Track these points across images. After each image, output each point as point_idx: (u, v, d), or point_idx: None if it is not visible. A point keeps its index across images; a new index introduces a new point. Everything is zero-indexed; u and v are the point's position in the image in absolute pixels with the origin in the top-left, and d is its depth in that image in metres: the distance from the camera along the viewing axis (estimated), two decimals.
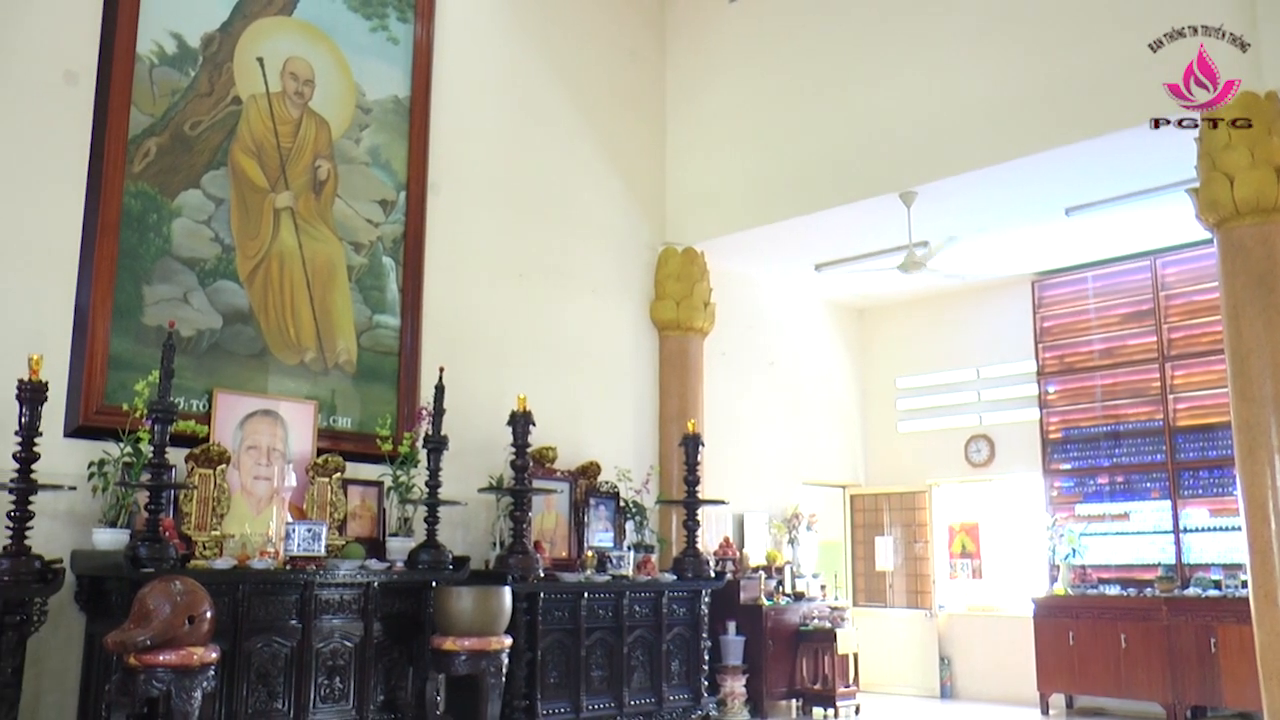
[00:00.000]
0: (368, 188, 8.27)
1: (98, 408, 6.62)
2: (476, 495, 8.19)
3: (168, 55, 7.34)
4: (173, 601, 5.34)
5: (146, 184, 7.11)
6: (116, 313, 6.83)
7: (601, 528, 9.02)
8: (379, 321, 8.17)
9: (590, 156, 10.10)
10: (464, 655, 6.80)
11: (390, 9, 8.56)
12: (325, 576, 6.55)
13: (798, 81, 10.00)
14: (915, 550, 12.46)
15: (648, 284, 10.49)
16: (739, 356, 11.40)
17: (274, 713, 6.29)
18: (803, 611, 10.56)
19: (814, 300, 12.77)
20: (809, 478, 12.28)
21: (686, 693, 8.56)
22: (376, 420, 7.84)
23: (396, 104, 8.51)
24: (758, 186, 10.12)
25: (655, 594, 8.45)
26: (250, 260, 7.54)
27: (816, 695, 10.33)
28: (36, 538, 5.66)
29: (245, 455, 7.09)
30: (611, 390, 9.99)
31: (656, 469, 9.94)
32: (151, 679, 5.30)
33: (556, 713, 7.69)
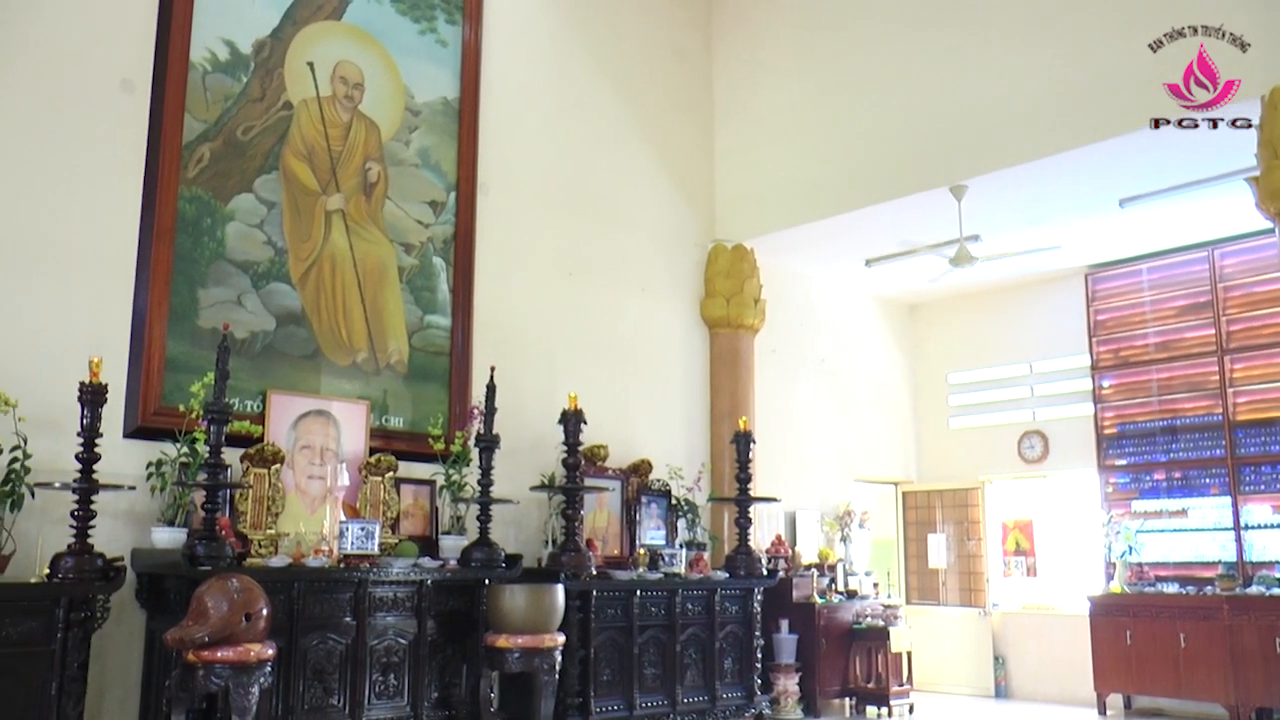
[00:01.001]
0: (418, 189, 8.33)
1: (155, 409, 6.71)
2: (528, 493, 8.23)
3: (220, 62, 7.44)
4: (230, 599, 5.42)
5: (201, 189, 7.21)
6: (172, 316, 6.93)
7: (653, 525, 9.02)
8: (430, 322, 8.23)
9: (639, 155, 10.12)
10: (517, 653, 6.83)
11: (439, 12, 8.63)
12: (379, 574, 6.61)
13: (846, 75, 9.96)
14: (968, 548, 12.34)
15: (697, 281, 10.49)
16: (790, 353, 11.37)
17: (330, 709, 6.35)
18: (855, 609, 10.51)
19: (864, 296, 12.71)
20: (861, 475, 12.22)
21: (740, 691, 8.54)
22: (428, 419, 7.90)
23: (445, 105, 8.57)
24: (807, 182, 10.08)
25: (708, 592, 8.44)
26: (302, 262, 7.63)
27: (870, 694, 10.28)
28: (98, 536, 5.75)
29: (299, 455, 7.17)
30: (662, 388, 10.00)
31: (708, 466, 9.94)
32: (210, 675, 5.39)
33: (610, 710, 7.69)
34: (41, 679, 5.35)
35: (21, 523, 5.83)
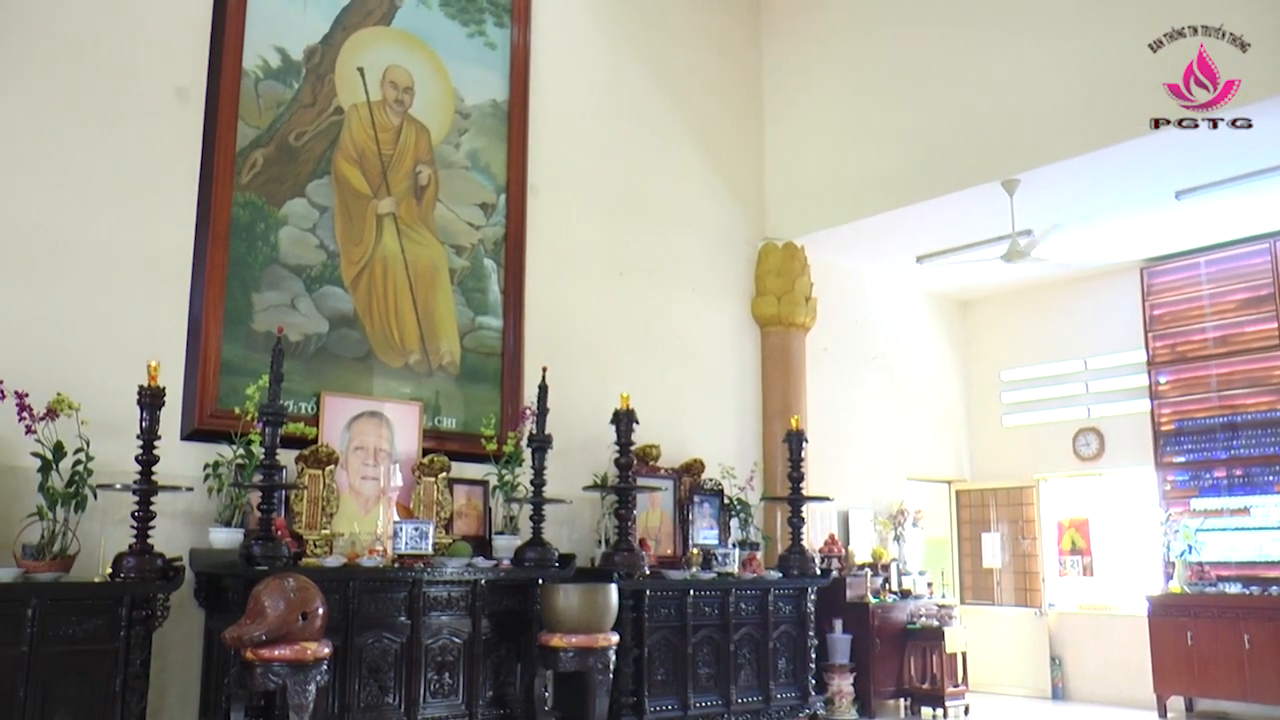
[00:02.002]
0: (468, 191, 8.38)
1: (211, 412, 6.80)
2: (581, 493, 8.24)
3: (272, 69, 7.53)
4: (286, 598, 5.48)
5: (254, 194, 7.29)
6: (228, 320, 7.02)
7: (706, 525, 9.00)
8: (481, 323, 8.28)
9: (688, 154, 10.12)
10: (571, 652, 6.84)
11: (487, 15, 8.68)
12: (433, 574, 6.66)
13: (896, 70, 9.88)
14: (1023, 547, 12.19)
15: (748, 280, 10.47)
16: (841, 351, 11.31)
17: (385, 707, 6.40)
18: (910, 609, 10.42)
19: (916, 293, 12.61)
20: (914, 473, 12.13)
21: (794, 691, 8.49)
22: (481, 420, 7.93)
23: (495, 108, 8.62)
24: (857, 178, 10.02)
25: (761, 591, 8.40)
26: (355, 265, 7.70)
27: (925, 695, 10.18)
28: (158, 537, 5.84)
29: (353, 456, 7.23)
30: (714, 387, 9.98)
31: (760, 466, 9.91)
32: (268, 673, 5.45)
33: (664, 709, 7.69)
34: (106, 675, 5.45)
35: (85, 523, 5.93)
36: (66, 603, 5.41)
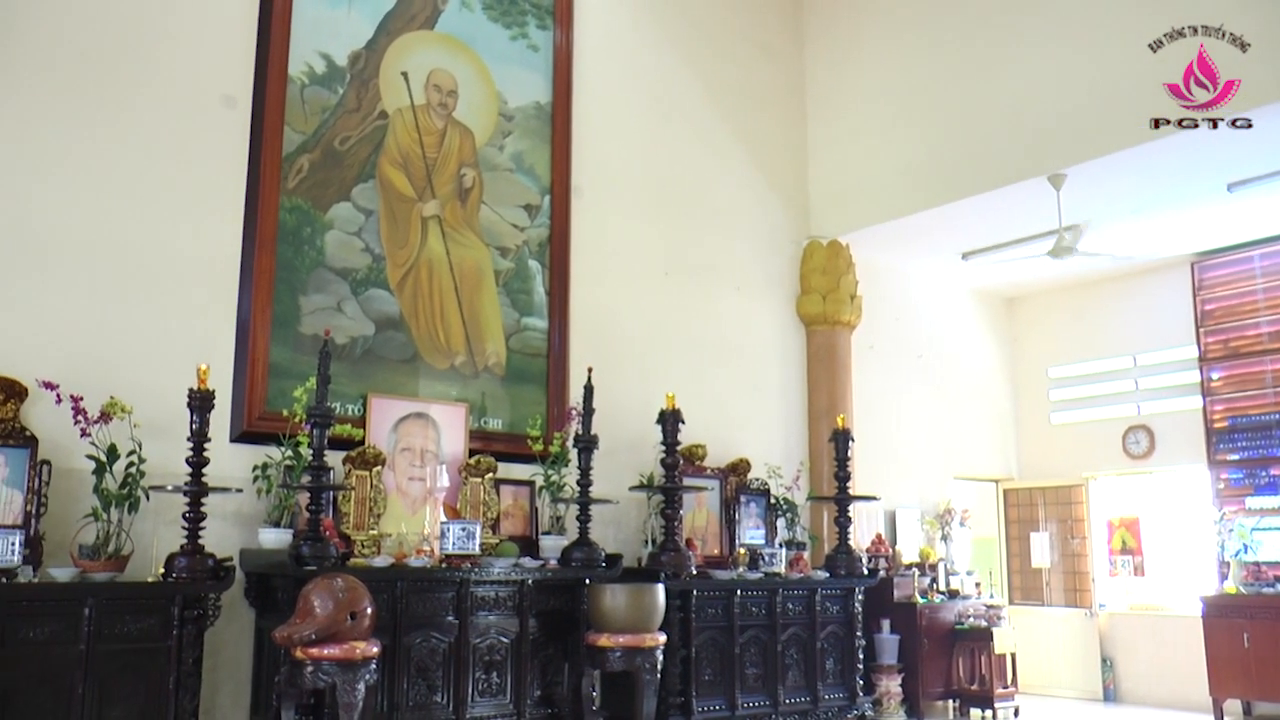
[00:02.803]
0: (512, 193, 8.42)
1: (260, 414, 6.88)
2: (627, 493, 8.24)
3: (317, 75, 7.60)
4: (335, 598, 5.52)
5: (300, 199, 7.37)
6: (275, 323, 7.09)
7: (752, 525, 8.98)
8: (527, 324, 8.31)
9: (731, 153, 10.10)
10: (619, 652, 6.84)
11: (530, 17, 8.72)
12: (480, 574, 6.69)
13: (939, 65, 9.81)
14: (1072, 546, 12.03)
15: (793, 278, 10.43)
16: (887, 349, 11.24)
17: (434, 706, 6.43)
18: (958, 610, 10.31)
19: (961, 290, 12.51)
20: (960, 472, 12.01)
21: (842, 692, 8.44)
22: (526, 421, 7.96)
23: (538, 110, 8.65)
24: (901, 175, 9.95)
25: (808, 592, 8.36)
26: (400, 268, 7.75)
27: (974, 696, 10.06)
28: (209, 537, 5.92)
29: (400, 457, 7.28)
30: (759, 386, 9.95)
31: (806, 465, 9.87)
32: (318, 671, 5.50)
33: (712, 710, 7.67)
34: (160, 673, 5.54)
35: (138, 524, 6.02)
36: (121, 602, 5.51)
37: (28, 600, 5.28)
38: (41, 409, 6.05)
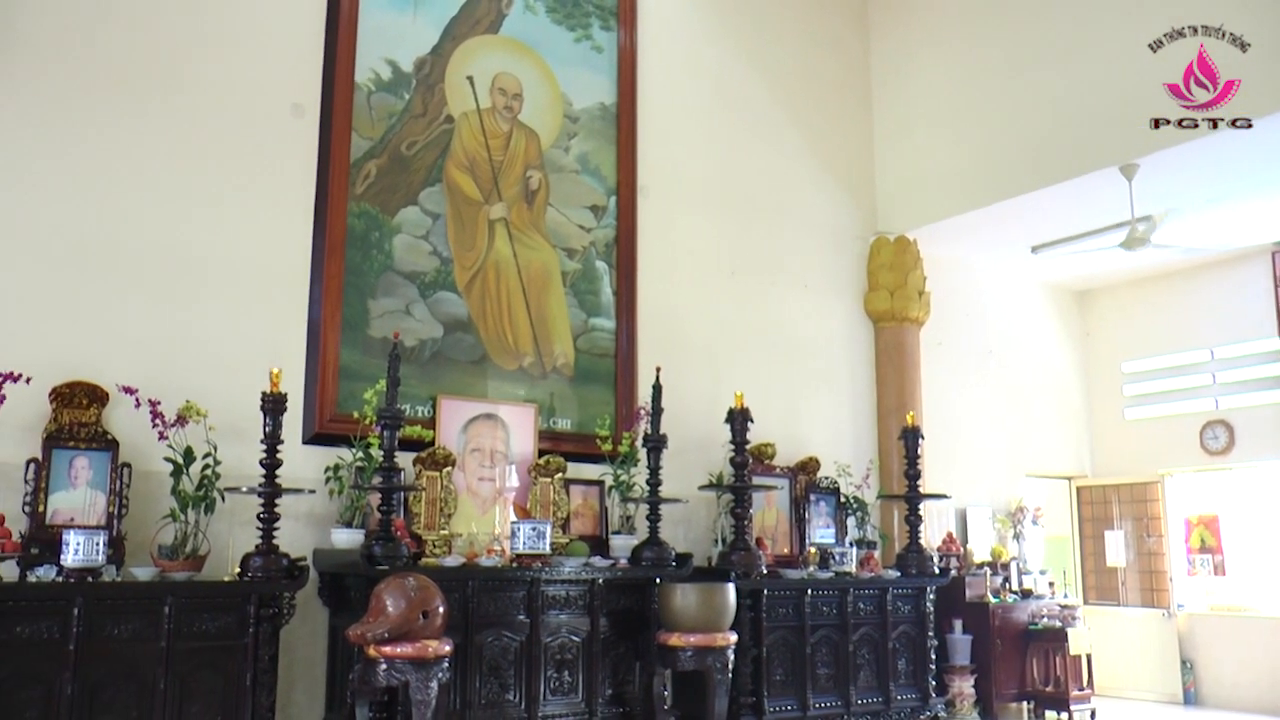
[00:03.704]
0: (578, 194, 8.45)
1: (331, 416, 6.97)
2: (696, 493, 8.22)
3: (384, 81, 7.68)
4: (407, 597, 5.57)
5: (368, 204, 7.45)
6: (345, 326, 7.18)
7: (822, 524, 8.92)
8: (594, 325, 8.33)
9: (797, 150, 10.05)
10: (689, 651, 6.82)
11: (593, 18, 8.75)
12: (551, 573, 6.70)
13: (1006, 56, 9.66)
14: (1148, 545, 11.78)
15: (860, 275, 10.35)
16: (955, 345, 11.11)
17: (506, 704, 6.47)
18: (1031, 609, 10.14)
19: (1031, 284, 12.33)
20: (1032, 469, 11.83)
21: (914, 693, 8.34)
22: (595, 421, 7.99)
23: (603, 111, 8.68)
24: (969, 168, 9.82)
25: (879, 591, 8.28)
26: (468, 271, 7.81)
27: (1048, 698, 9.89)
28: (282, 538, 6.00)
29: (469, 457, 7.34)
30: (827, 384, 9.89)
31: (876, 463, 9.77)
32: (391, 670, 5.55)
33: (783, 710, 7.62)
34: (238, 670, 5.64)
35: (214, 525, 6.13)
36: (199, 600, 5.62)
37: (112, 598, 5.41)
38: (122, 413, 6.19)
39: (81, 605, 5.28)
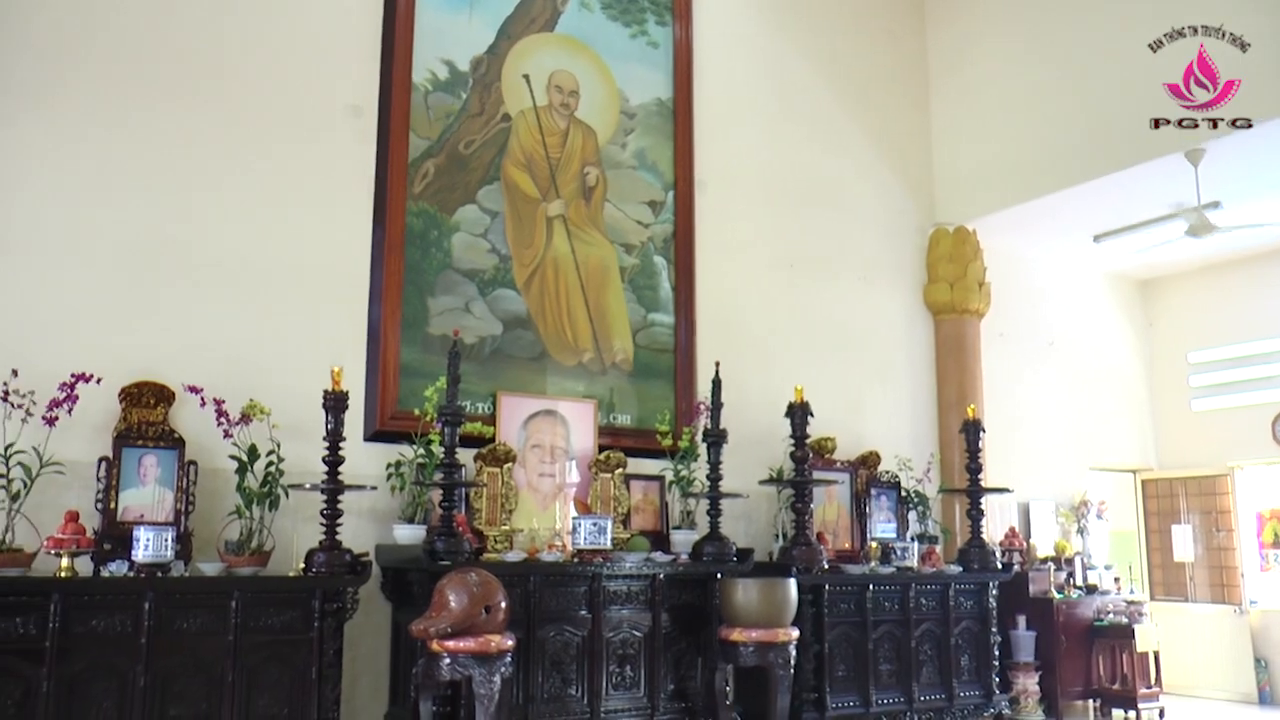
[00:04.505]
0: (636, 190, 8.46)
1: (392, 413, 7.02)
2: (757, 487, 8.20)
3: (440, 81, 7.73)
4: (469, 592, 5.59)
5: (426, 203, 7.51)
6: (405, 325, 7.23)
7: (883, 518, 8.86)
8: (653, 320, 8.33)
9: (854, 141, 9.99)
10: (751, 646, 6.79)
11: (648, 14, 8.75)
12: (612, 569, 6.71)
13: (1066, 42, 9.51)
14: (1218, 539, 11.56)
15: (919, 267, 10.28)
16: (1016, 337, 10.99)
17: (568, 698, 6.48)
18: (1096, 605, 10.00)
19: (1093, 273, 12.17)
20: (1096, 463, 11.67)
21: (977, 689, 8.25)
22: (655, 416, 7.99)
23: (660, 106, 8.68)
24: (1029, 157, 9.70)
25: (942, 586, 8.21)
26: (526, 268, 7.84)
27: (1115, 696, 9.75)
28: (345, 533, 6.07)
29: (530, 453, 7.37)
30: (887, 378, 9.82)
31: (936, 457, 9.70)
32: (454, 664, 5.57)
33: (846, 706, 7.57)
34: (303, 663, 5.71)
35: (278, 521, 6.20)
36: (265, 595, 5.69)
37: (180, 593, 5.50)
38: (187, 412, 6.29)
39: (152, 600, 5.37)
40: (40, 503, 5.65)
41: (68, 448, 5.82)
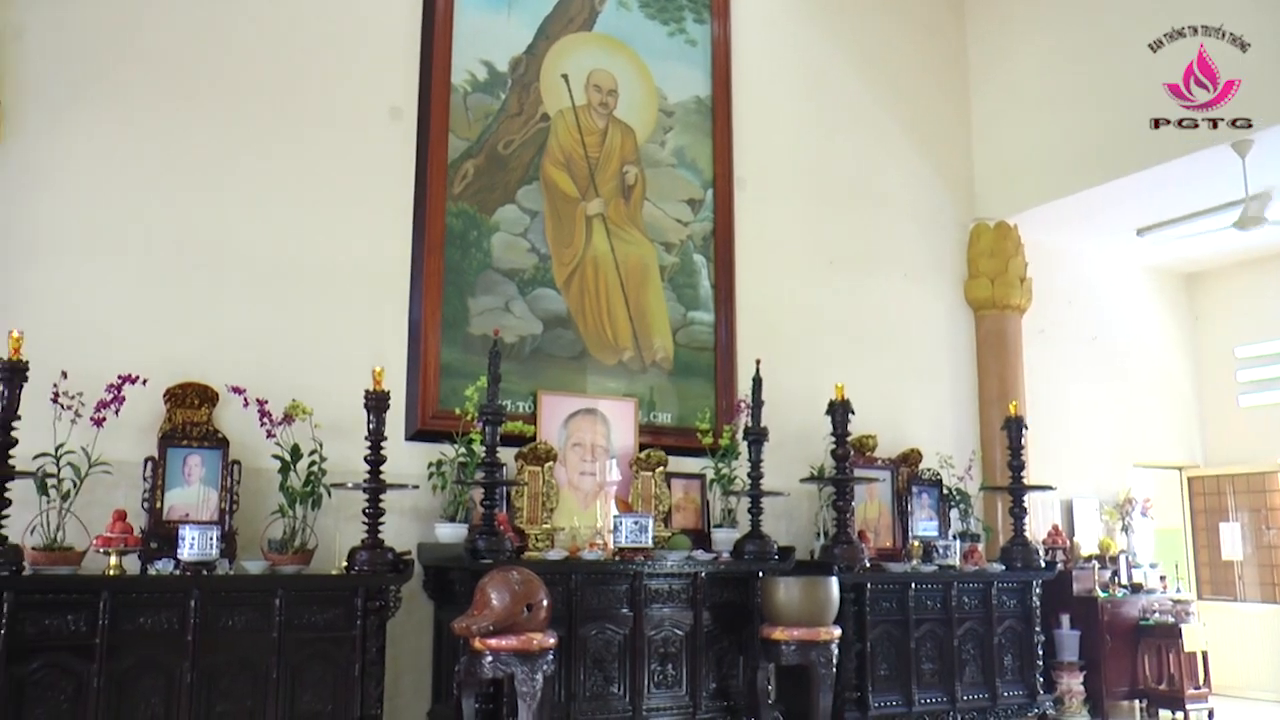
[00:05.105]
0: (675, 188, 8.45)
1: (433, 413, 7.05)
2: (798, 485, 8.17)
3: (479, 82, 7.76)
4: (511, 590, 5.61)
5: (466, 203, 7.53)
6: (445, 325, 7.26)
7: (925, 516, 8.80)
8: (693, 318, 8.32)
9: (893, 137, 9.93)
10: (793, 645, 6.77)
11: (686, 12, 8.74)
12: (653, 567, 6.73)
13: (1108, 33, 9.35)
14: (1267, 538, 11.35)
15: (959, 263, 10.19)
16: (1058, 333, 10.85)
17: (611, 696, 6.50)
18: (1141, 604, 9.83)
19: (1136, 268, 11.99)
20: (1141, 459, 11.50)
21: (1021, 689, 8.19)
22: (695, 414, 7.98)
23: (698, 104, 8.67)
24: (1070, 150, 9.57)
25: (984, 585, 8.15)
26: (566, 267, 7.86)
27: (1162, 696, 9.56)
28: (387, 532, 6.09)
29: (570, 452, 7.38)
30: (928, 374, 9.75)
31: (978, 454, 9.62)
32: (496, 662, 5.59)
33: (888, 705, 7.54)
34: (346, 661, 5.76)
35: (321, 520, 6.25)
36: (308, 593, 5.74)
37: (226, 590, 5.56)
38: (231, 413, 6.36)
39: (198, 597, 5.43)
40: (89, 502, 5.74)
41: (115, 448, 5.89)
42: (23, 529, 5.43)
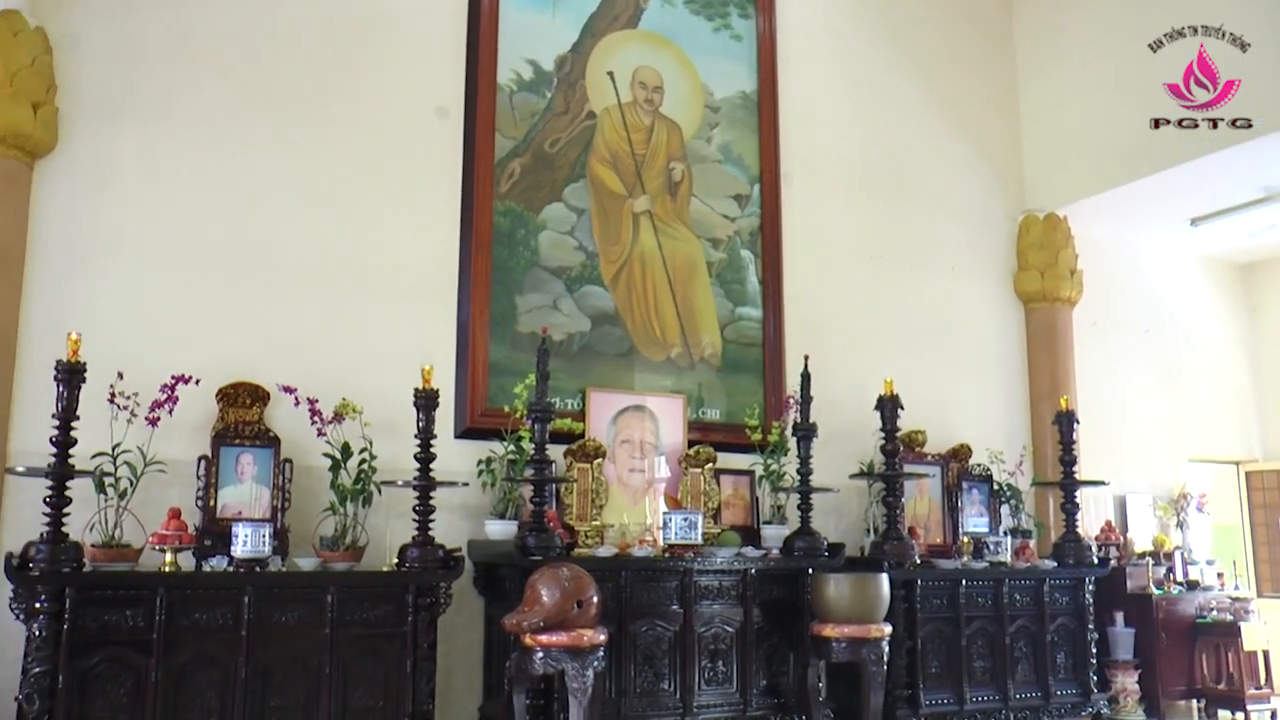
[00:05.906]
0: (721, 184, 8.44)
1: (482, 411, 7.09)
2: (847, 481, 8.13)
3: (525, 81, 7.79)
4: (561, 587, 5.62)
5: (513, 202, 7.56)
6: (494, 323, 7.30)
7: (975, 512, 8.72)
8: (741, 314, 8.30)
9: (940, 129, 9.84)
10: (843, 642, 6.73)
11: (731, 7, 8.72)
12: (703, 563, 6.72)
13: (1159, 18, 8.98)
14: None
15: (1009, 256, 10.09)
16: (1110, 326, 10.69)
17: (661, 693, 6.50)
18: (1198, 602, 9.66)
19: (1189, 258, 11.79)
20: (1196, 454, 11.30)
21: (1074, 688, 8.10)
22: (744, 411, 7.97)
23: (744, 99, 8.65)
24: (1122, 141, 9.39)
25: (1036, 582, 8.08)
26: (613, 264, 7.87)
27: (1221, 696, 9.34)
28: (437, 529, 6.13)
29: (619, 449, 7.40)
30: (977, 369, 9.66)
31: (1029, 449, 9.52)
32: (547, 658, 5.60)
33: (940, 703, 7.49)
34: (398, 657, 5.79)
35: (371, 517, 6.28)
36: (359, 590, 5.79)
37: (278, 587, 5.62)
38: (282, 411, 6.43)
39: (251, 594, 5.49)
40: (144, 500, 5.81)
41: (169, 447, 5.96)
42: (82, 527, 5.50)
